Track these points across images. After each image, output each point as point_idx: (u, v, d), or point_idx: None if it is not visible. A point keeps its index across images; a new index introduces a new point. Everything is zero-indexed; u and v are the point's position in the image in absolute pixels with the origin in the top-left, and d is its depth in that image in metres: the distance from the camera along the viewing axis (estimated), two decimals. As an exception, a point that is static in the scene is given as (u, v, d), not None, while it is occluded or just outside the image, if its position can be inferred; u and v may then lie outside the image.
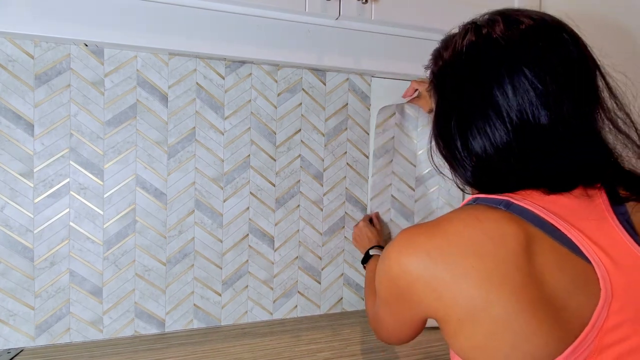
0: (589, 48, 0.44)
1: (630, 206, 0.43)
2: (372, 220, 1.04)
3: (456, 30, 0.48)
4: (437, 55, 0.50)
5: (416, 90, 1.01)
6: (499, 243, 0.38)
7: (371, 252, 0.93)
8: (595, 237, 0.39)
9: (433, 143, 0.51)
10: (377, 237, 0.98)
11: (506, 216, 0.40)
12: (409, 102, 1.06)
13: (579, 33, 0.44)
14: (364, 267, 0.93)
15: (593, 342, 0.36)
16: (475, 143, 0.44)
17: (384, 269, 0.45)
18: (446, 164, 0.50)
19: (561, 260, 0.38)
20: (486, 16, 0.46)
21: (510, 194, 0.43)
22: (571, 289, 0.37)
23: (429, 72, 0.52)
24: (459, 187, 0.51)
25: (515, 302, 0.36)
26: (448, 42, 0.48)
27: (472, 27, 0.46)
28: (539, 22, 0.43)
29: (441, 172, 0.52)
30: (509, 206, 0.41)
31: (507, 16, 0.44)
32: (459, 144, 0.45)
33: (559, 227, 0.39)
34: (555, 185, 0.42)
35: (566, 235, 0.39)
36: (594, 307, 0.36)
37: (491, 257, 0.37)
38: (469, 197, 0.47)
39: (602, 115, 0.42)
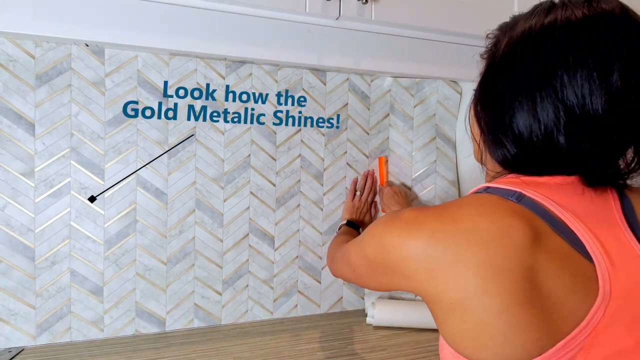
0: None
1: (636, 203, 0.42)
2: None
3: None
4: (512, 26, 0.47)
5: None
6: (505, 234, 0.37)
7: (345, 223, 1.00)
8: (602, 237, 0.38)
9: (472, 113, 0.50)
10: (358, 215, 1.03)
11: (516, 209, 0.39)
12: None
13: None
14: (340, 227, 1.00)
15: (585, 339, 0.36)
16: (521, 120, 0.42)
17: (381, 235, 0.44)
18: (480, 135, 0.49)
19: (564, 258, 0.38)
20: None
21: (525, 186, 0.42)
22: (570, 287, 0.37)
23: (493, 37, 0.49)
24: (482, 163, 0.50)
25: (511, 295, 0.36)
26: (529, 15, 0.45)
27: (557, 6, 0.43)
28: (621, 13, 0.41)
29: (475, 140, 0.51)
30: (520, 199, 0.41)
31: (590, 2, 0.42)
32: (505, 117, 0.44)
33: (568, 223, 0.39)
34: (589, 176, 0.41)
35: (573, 232, 0.38)
36: (590, 306, 0.36)
37: (495, 247, 0.37)
38: (479, 186, 0.47)
39: None
